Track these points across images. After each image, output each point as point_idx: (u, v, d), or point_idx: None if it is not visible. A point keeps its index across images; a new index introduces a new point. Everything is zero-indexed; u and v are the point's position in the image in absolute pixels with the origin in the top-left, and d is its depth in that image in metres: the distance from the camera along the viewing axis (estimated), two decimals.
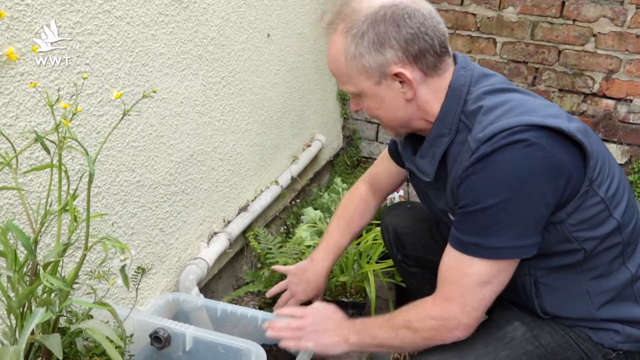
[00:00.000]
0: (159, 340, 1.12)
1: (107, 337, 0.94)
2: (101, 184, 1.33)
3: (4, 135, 0.96)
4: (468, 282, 1.07)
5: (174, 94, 1.55)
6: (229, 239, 1.85)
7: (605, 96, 2.58)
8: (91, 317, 1.03)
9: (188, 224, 1.72)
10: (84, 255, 0.90)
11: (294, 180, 2.37)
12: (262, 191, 2.17)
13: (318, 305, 1.29)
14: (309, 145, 2.55)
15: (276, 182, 2.24)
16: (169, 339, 1.13)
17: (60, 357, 0.88)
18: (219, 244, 1.81)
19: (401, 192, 2.25)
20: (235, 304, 1.66)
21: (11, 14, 1.04)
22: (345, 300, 1.90)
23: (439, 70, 1.13)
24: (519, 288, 1.22)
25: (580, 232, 1.10)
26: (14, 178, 0.95)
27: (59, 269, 0.97)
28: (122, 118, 0.89)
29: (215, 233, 1.86)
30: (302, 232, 1.92)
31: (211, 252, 1.76)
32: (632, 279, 1.18)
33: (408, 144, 1.28)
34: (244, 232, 2.05)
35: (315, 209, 2.18)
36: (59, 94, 1.12)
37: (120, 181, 1.40)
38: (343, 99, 2.93)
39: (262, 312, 1.53)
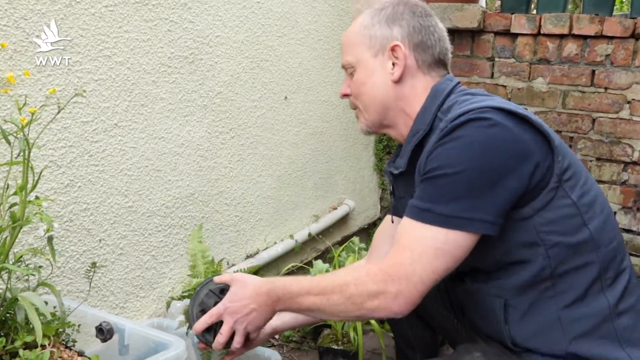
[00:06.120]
0: (102, 332, 1.22)
1: (37, 309, 1.07)
2: (90, 201, 1.52)
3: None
4: (419, 248, 1.03)
5: (174, 135, 1.75)
6: None
7: None
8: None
9: (185, 258, 1.85)
10: (20, 227, 1.06)
11: (313, 238, 2.44)
12: (275, 243, 2.27)
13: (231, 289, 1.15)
14: (335, 208, 2.64)
15: (291, 236, 2.33)
16: (111, 332, 1.22)
17: None
18: None
19: None
20: None
21: (14, 47, 1.30)
22: (335, 347, 1.88)
23: (431, 72, 1.24)
24: (488, 312, 1.19)
25: (549, 234, 1.08)
26: None
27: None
28: (57, 113, 1.07)
29: None
30: None
31: None
32: (612, 312, 1.11)
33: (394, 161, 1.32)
34: None
35: (326, 262, 2.22)
36: (43, 107, 1.35)
37: (111, 203, 1.58)
38: (380, 170, 3.02)
39: None
